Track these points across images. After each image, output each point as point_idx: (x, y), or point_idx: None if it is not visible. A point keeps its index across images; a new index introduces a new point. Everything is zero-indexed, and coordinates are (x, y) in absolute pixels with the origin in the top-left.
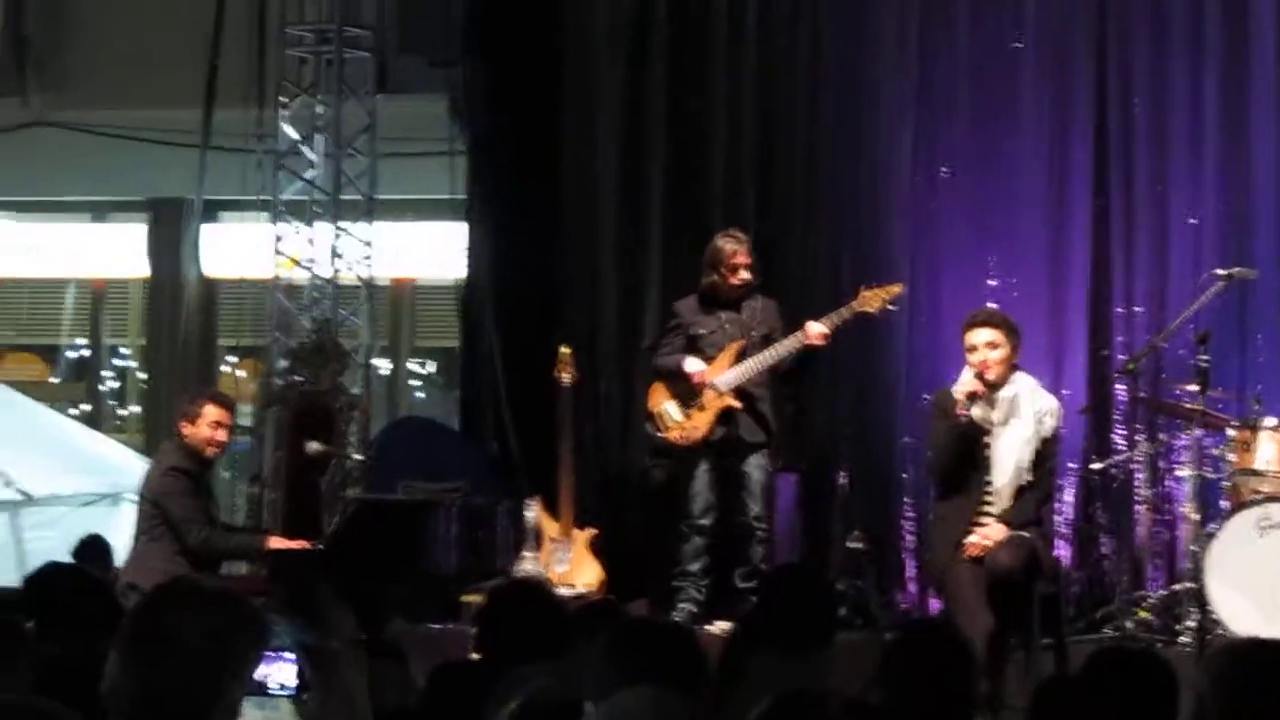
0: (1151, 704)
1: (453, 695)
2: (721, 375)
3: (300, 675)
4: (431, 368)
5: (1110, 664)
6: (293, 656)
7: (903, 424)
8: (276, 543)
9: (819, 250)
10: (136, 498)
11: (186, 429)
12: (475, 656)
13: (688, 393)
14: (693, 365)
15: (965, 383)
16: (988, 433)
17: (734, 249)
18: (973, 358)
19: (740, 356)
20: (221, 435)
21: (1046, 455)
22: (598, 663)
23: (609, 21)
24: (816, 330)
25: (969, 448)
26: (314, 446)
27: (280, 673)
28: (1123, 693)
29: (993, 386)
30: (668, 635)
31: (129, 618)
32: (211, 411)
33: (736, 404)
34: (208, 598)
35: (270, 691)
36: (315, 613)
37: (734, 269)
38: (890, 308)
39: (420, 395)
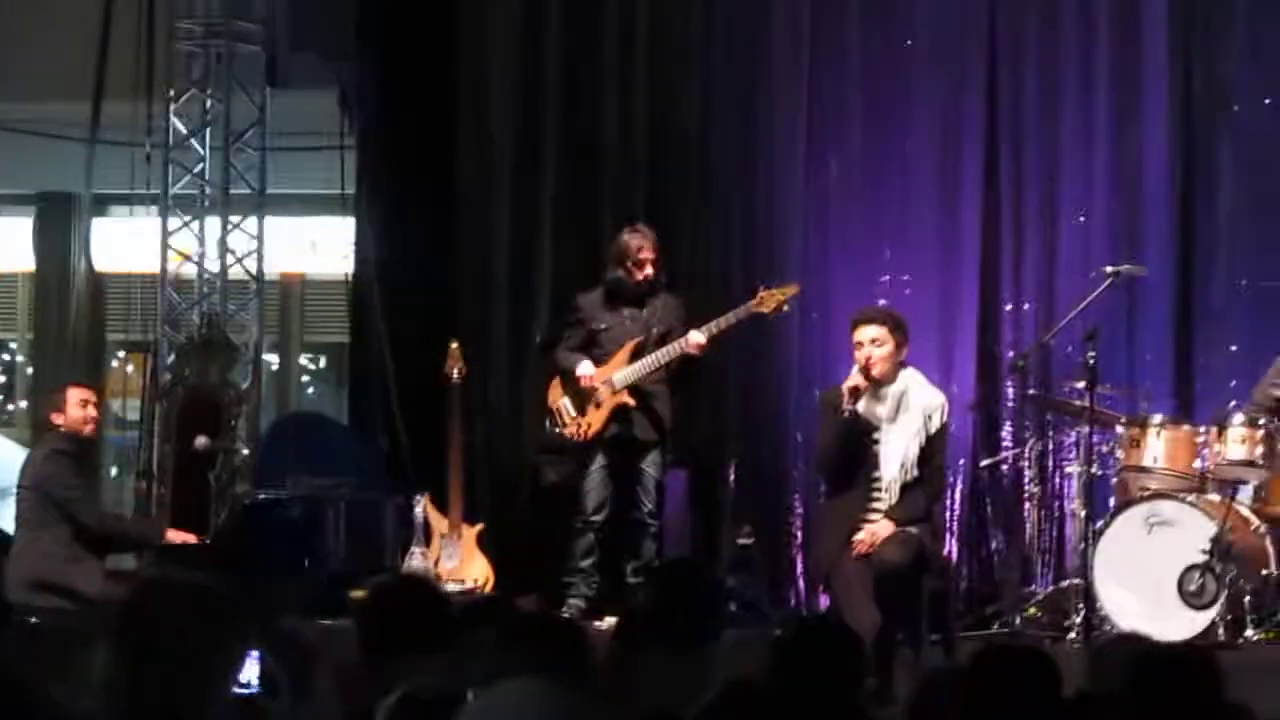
0: (1034, 699)
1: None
2: (618, 373)
3: (264, 673)
4: (322, 363)
5: (994, 660)
6: (256, 653)
7: (793, 421)
8: (173, 535)
9: (711, 247)
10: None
11: (58, 419)
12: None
13: (584, 390)
14: (584, 369)
15: (849, 379)
16: (876, 429)
17: (639, 244)
18: (858, 354)
19: (637, 354)
20: (92, 411)
21: (934, 451)
22: (483, 655)
23: (502, 17)
24: (695, 341)
25: (856, 444)
26: (202, 441)
27: (244, 670)
28: (1006, 688)
29: (879, 383)
30: (553, 629)
31: (118, 615)
32: (74, 394)
33: (631, 401)
34: (193, 594)
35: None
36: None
37: (639, 264)
38: (785, 308)
39: (311, 391)
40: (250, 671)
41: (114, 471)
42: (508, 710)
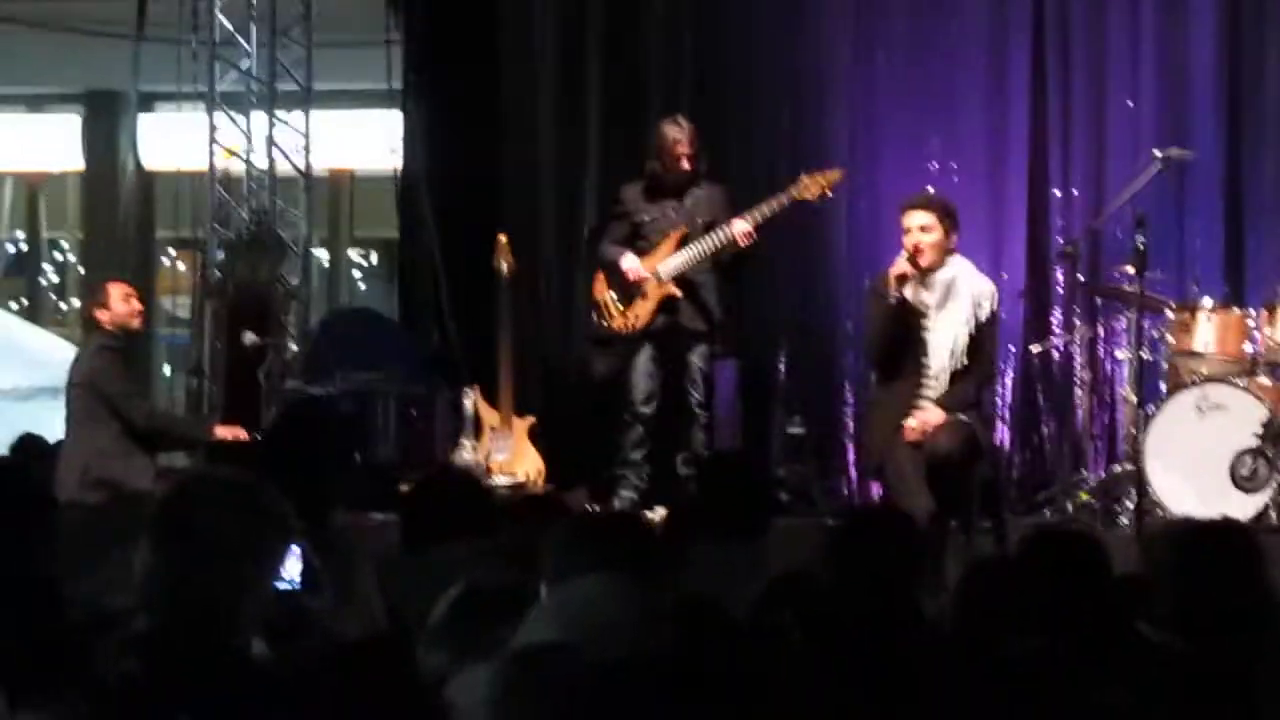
0: (1083, 583)
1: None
2: (663, 263)
3: (305, 569)
4: (373, 259)
5: (1043, 544)
6: (298, 549)
7: (843, 309)
8: (222, 431)
9: (758, 139)
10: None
11: (103, 315)
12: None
13: (630, 282)
14: (629, 262)
15: (896, 266)
16: (924, 316)
17: (676, 136)
18: (906, 240)
19: (682, 244)
20: (136, 305)
21: (984, 339)
22: (555, 550)
23: None
24: (740, 229)
25: (904, 331)
26: (251, 338)
27: (285, 566)
28: (1054, 572)
29: (927, 270)
30: (622, 525)
31: (157, 510)
32: (115, 289)
33: (677, 292)
34: (234, 489)
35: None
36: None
37: (676, 156)
38: (828, 194)
39: (361, 286)
40: (292, 568)
41: (166, 370)
42: (582, 605)
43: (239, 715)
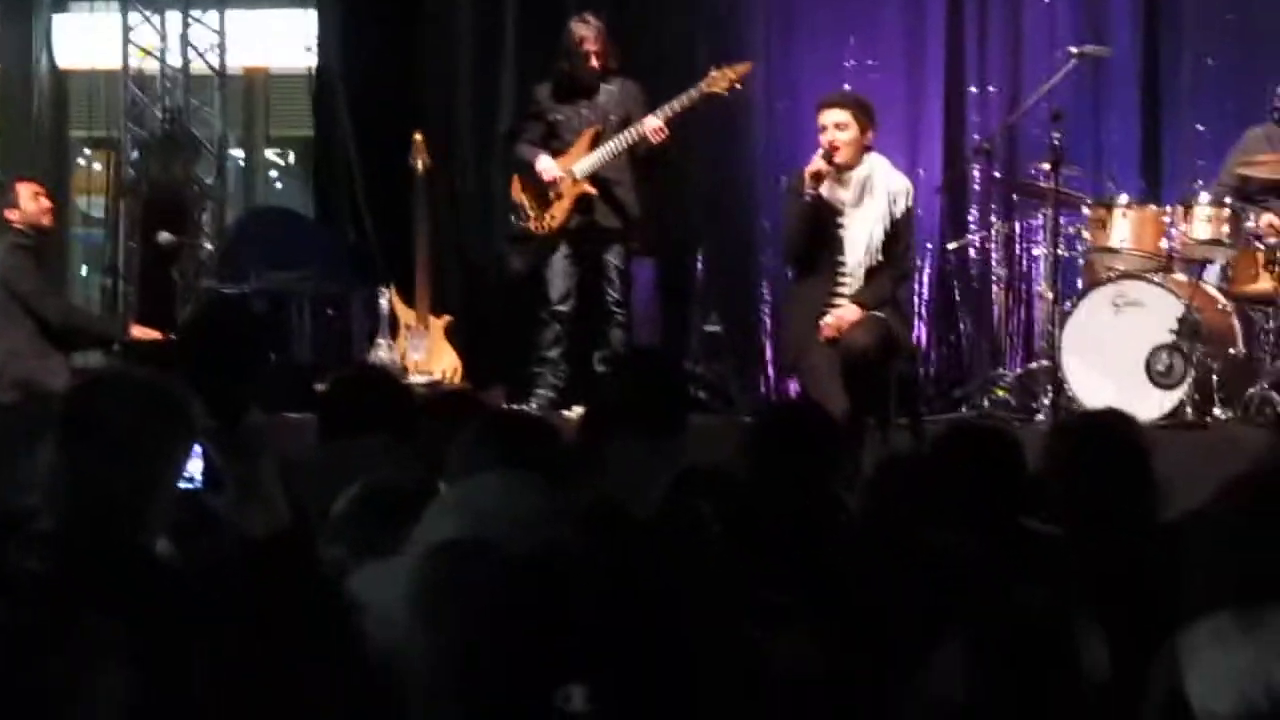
0: (997, 478)
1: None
2: (578, 163)
3: (208, 468)
4: (290, 159)
5: (957, 440)
6: (201, 447)
7: (761, 208)
8: (138, 331)
9: (674, 37)
10: None
11: (13, 215)
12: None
13: (546, 183)
14: (543, 163)
15: (812, 164)
16: (840, 214)
17: (583, 34)
18: (822, 138)
19: (596, 142)
20: (45, 203)
21: (900, 235)
22: (460, 447)
23: None
24: (652, 126)
25: (820, 229)
26: (165, 237)
27: (188, 466)
28: (967, 467)
29: (843, 168)
30: (528, 424)
31: (62, 407)
32: (24, 188)
33: (592, 191)
34: (139, 386)
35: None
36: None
37: (584, 55)
38: (738, 87)
39: (278, 186)
40: (195, 467)
41: (83, 270)
42: (483, 501)
43: (145, 613)
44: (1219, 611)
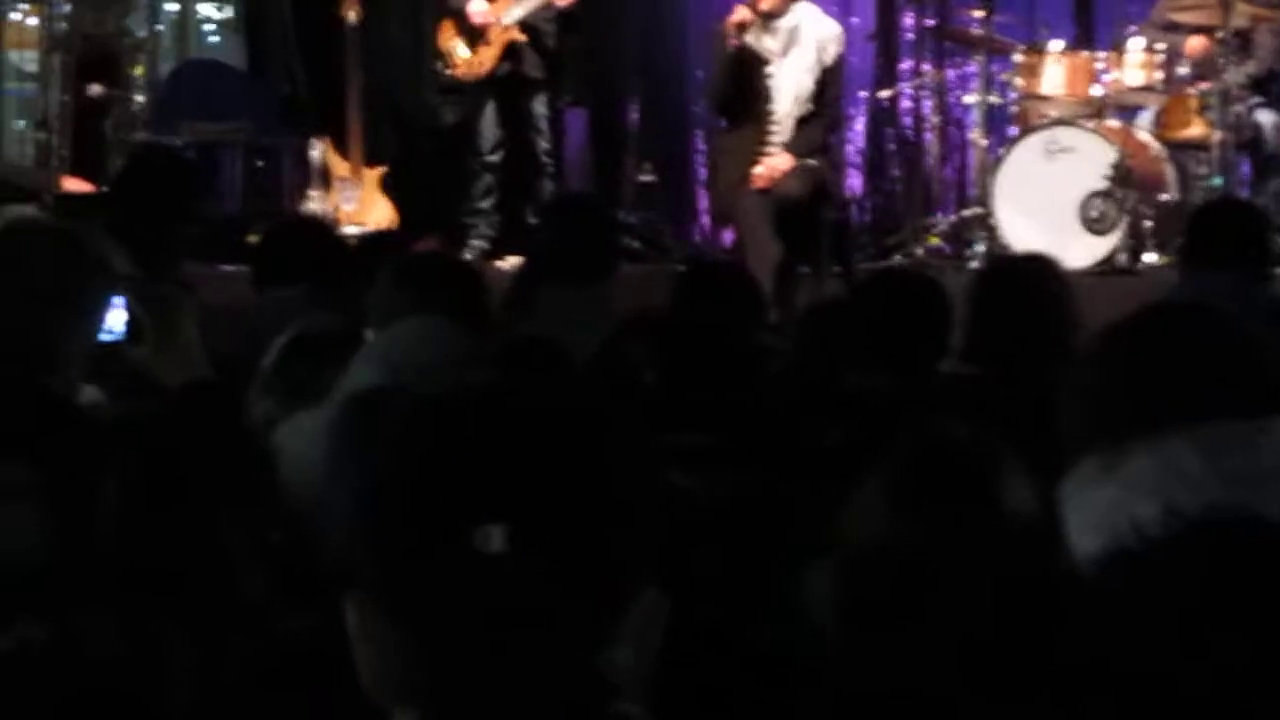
0: (920, 323)
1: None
2: (506, 10)
3: (130, 319)
4: (228, 12)
5: (881, 286)
6: (121, 300)
7: (693, 57)
8: (69, 183)
9: None
10: None
11: None
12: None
13: (476, 29)
14: (475, 6)
15: (736, 13)
16: (768, 63)
17: None
18: None
19: None
20: None
21: (829, 83)
22: (380, 294)
23: None
24: None
25: (748, 78)
26: (96, 89)
27: (109, 317)
28: (891, 313)
29: (771, 15)
30: (448, 268)
31: None
32: None
33: (521, 37)
34: (54, 234)
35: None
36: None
37: None
38: None
39: (213, 39)
40: (115, 319)
41: (19, 125)
42: (404, 346)
43: (54, 455)
44: (1087, 453)
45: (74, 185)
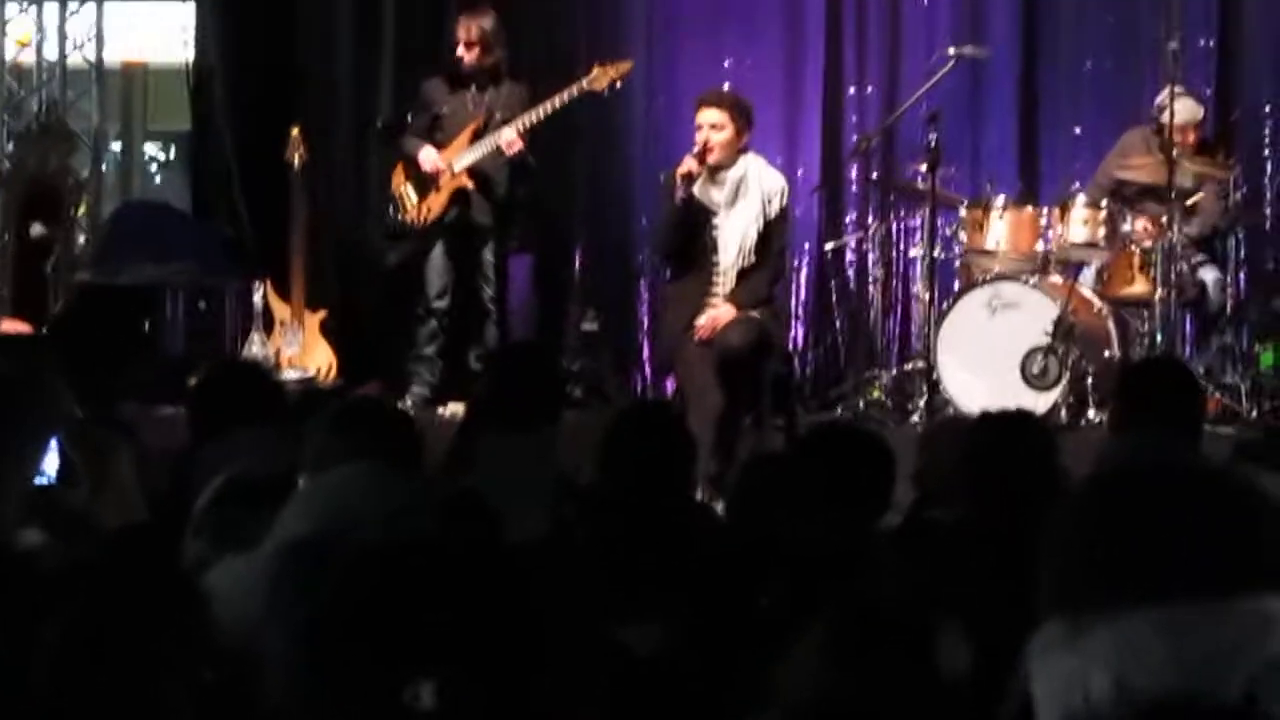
0: (863, 479)
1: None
2: (457, 157)
3: (65, 462)
4: (173, 153)
5: (824, 440)
6: (56, 442)
7: (639, 205)
8: (7, 324)
9: (555, 29)
10: None
11: None
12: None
13: (426, 174)
14: (426, 154)
15: (683, 164)
16: (714, 214)
17: (462, 26)
18: (697, 137)
19: (476, 138)
20: None
21: (774, 235)
22: (313, 440)
23: None
24: (507, 139)
25: (693, 229)
26: (38, 229)
27: (44, 460)
28: (835, 469)
29: (717, 168)
30: (382, 414)
31: None
32: None
33: (469, 184)
34: None
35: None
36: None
37: (467, 45)
38: (618, 84)
39: (157, 179)
40: (49, 462)
41: None
42: (337, 494)
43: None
44: (1053, 616)
45: (11, 326)
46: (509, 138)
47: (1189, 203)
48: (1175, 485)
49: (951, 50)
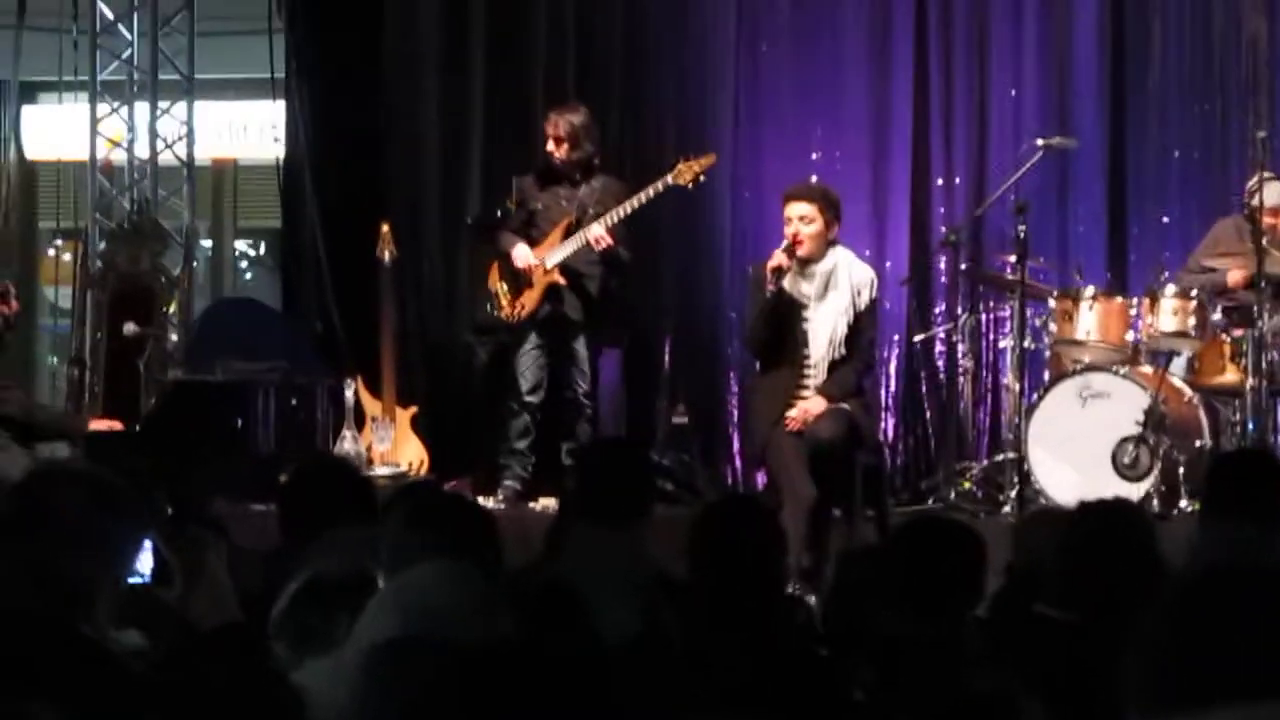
0: (957, 572)
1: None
2: (549, 253)
3: (159, 562)
4: (262, 249)
5: (916, 533)
6: (148, 543)
7: (727, 297)
8: (97, 423)
9: (642, 128)
10: None
11: None
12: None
13: (519, 270)
14: (519, 252)
15: (773, 258)
16: (804, 307)
17: (551, 123)
18: (787, 230)
19: (569, 234)
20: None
21: (864, 327)
22: (391, 537)
23: None
24: (594, 235)
25: (784, 322)
26: (130, 328)
27: (138, 560)
28: (927, 561)
29: (807, 260)
30: (459, 511)
31: (8, 500)
32: None
33: (561, 281)
34: (85, 479)
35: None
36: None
37: (555, 142)
38: (702, 179)
39: (247, 276)
40: (144, 561)
41: (52, 360)
42: (417, 594)
43: (93, 703)
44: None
45: (102, 424)
46: (597, 233)
47: None
48: (1265, 585)
49: (1039, 141)
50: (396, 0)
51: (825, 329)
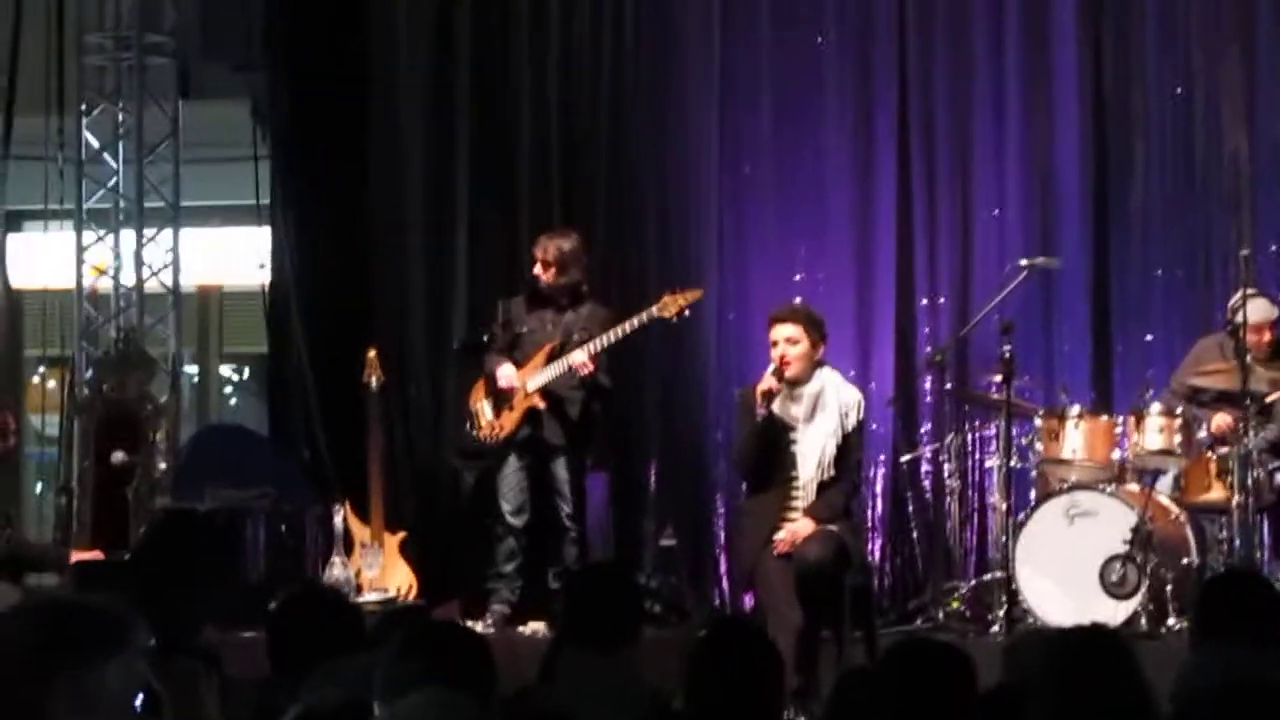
0: (947, 693)
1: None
2: (531, 376)
3: (147, 694)
4: (246, 374)
5: (906, 656)
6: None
7: (713, 420)
8: (79, 554)
9: (627, 249)
10: None
11: None
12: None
13: (501, 391)
14: (503, 372)
15: (763, 382)
16: (792, 429)
17: (539, 247)
18: (774, 353)
19: (552, 358)
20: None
21: (850, 449)
22: (387, 665)
23: (412, 21)
24: (578, 361)
25: (773, 444)
26: (119, 456)
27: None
28: (918, 683)
29: (795, 382)
30: (453, 637)
31: None
32: None
33: (541, 404)
34: (68, 609)
35: None
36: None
37: (543, 266)
38: (686, 313)
39: (233, 402)
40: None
41: (38, 487)
42: None
43: None
44: None
45: (83, 555)
46: (579, 360)
47: (1267, 401)
48: (1256, 708)
49: (1023, 261)
50: (381, 126)
51: (814, 451)
